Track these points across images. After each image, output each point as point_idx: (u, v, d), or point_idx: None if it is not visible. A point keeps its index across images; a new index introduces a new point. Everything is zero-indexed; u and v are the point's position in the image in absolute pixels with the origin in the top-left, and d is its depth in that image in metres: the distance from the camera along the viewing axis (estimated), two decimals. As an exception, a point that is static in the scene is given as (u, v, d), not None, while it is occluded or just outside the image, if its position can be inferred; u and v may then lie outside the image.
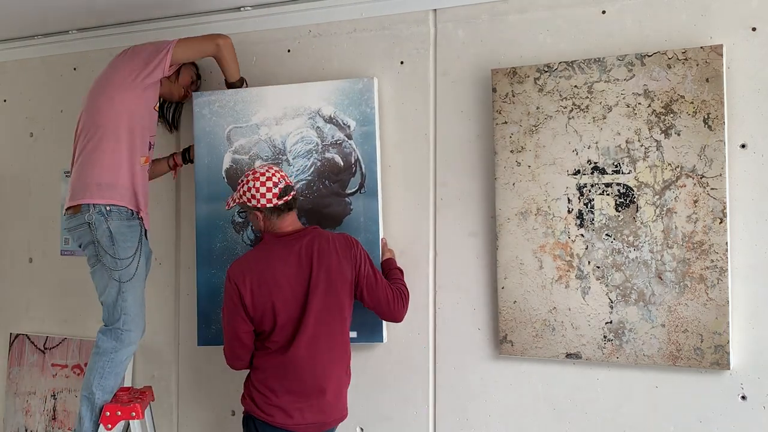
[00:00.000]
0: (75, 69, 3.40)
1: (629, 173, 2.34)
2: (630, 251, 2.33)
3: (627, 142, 2.34)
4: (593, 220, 2.39)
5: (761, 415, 2.23)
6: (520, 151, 2.49)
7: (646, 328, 2.31)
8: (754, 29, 2.24)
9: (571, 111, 2.41)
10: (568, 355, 2.42)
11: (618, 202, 2.36)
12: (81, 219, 2.56)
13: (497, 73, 2.52)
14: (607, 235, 2.37)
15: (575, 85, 2.40)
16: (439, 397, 2.68)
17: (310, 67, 2.90)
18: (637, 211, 2.33)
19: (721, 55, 2.21)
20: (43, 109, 3.50)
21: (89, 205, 2.54)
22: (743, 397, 2.25)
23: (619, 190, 2.35)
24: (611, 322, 2.36)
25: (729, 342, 2.21)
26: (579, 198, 2.41)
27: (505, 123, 2.51)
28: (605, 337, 2.37)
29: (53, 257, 3.48)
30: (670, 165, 2.28)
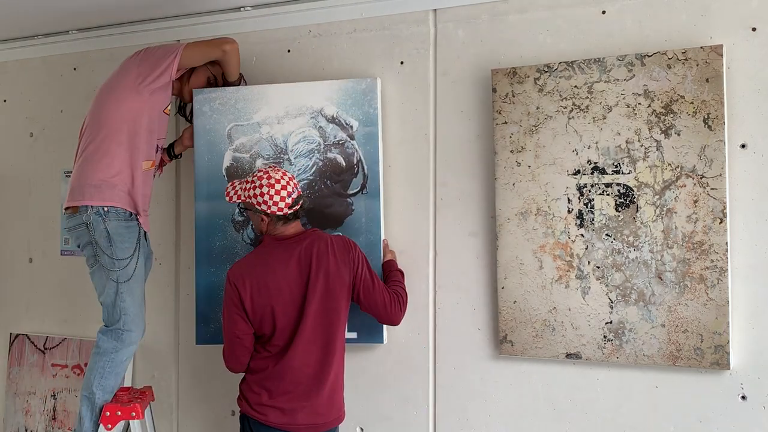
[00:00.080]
0: (75, 69, 3.40)
1: (629, 173, 2.34)
2: (630, 251, 2.33)
3: (627, 142, 2.34)
4: (593, 220, 2.39)
5: (761, 415, 2.23)
6: (520, 151, 2.49)
7: (646, 328, 2.31)
8: (754, 29, 2.24)
9: (571, 111, 2.41)
10: (568, 355, 2.42)
11: (618, 202, 2.36)
12: (79, 219, 2.56)
13: (497, 73, 2.52)
14: (607, 235, 2.37)
15: (575, 85, 2.40)
16: (439, 397, 2.68)
17: (310, 67, 2.90)
18: (637, 211, 2.33)
19: (721, 55, 2.21)
20: (43, 109, 3.50)
21: (87, 206, 2.55)
22: (743, 397, 2.25)
23: (619, 190, 2.35)
24: (611, 322, 2.36)
25: (729, 342, 2.21)
26: (579, 198, 2.41)
27: (505, 123, 2.51)
28: (605, 337, 2.37)
29: (53, 257, 3.48)
30: (670, 165, 2.28)
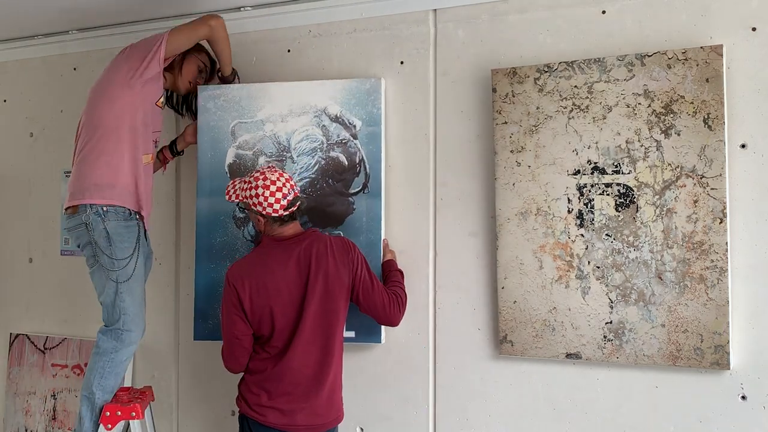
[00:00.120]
0: (75, 69, 3.40)
1: (629, 173, 2.34)
2: (630, 251, 2.33)
3: (627, 142, 2.34)
4: (593, 220, 2.39)
5: (761, 415, 2.23)
6: (520, 151, 2.49)
7: (646, 328, 2.31)
8: (754, 29, 2.24)
9: (571, 111, 2.41)
10: (568, 355, 2.42)
11: (618, 202, 2.36)
12: (78, 219, 2.56)
13: (497, 73, 2.52)
14: (607, 235, 2.37)
15: (575, 85, 2.40)
16: (439, 397, 2.68)
17: (310, 67, 2.90)
18: (637, 211, 2.33)
19: (721, 55, 2.21)
20: (43, 109, 3.50)
21: (86, 206, 2.54)
22: (743, 397, 2.25)
23: (619, 190, 2.35)
24: (611, 322, 2.36)
25: (729, 342, 2.21)
26: (579, 198, 2.41)
27: (505, 123, 2.51)
28: (605, 337, 2.37)
29: (53, 257, 3.48)
30: (670, 165, 2.28)
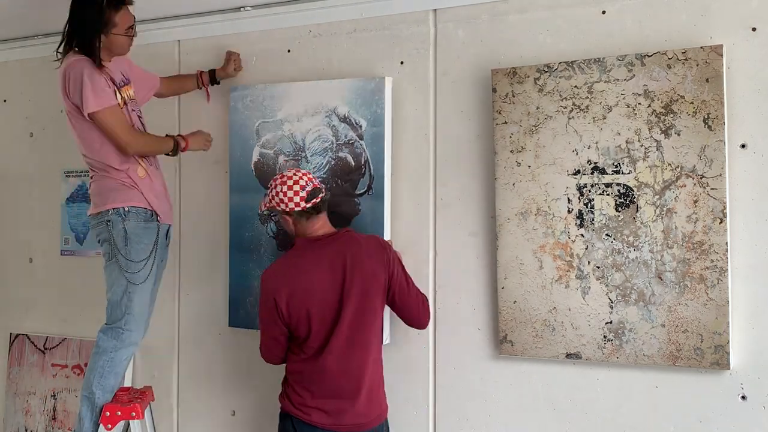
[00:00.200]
0: (75, 69, 3.40)
1: (629, 173, 2.34)
2: (630, 251, 2.33)
3: (627, 142, 2.34)
4: (593, 220, 2.39)
5: (761, 415, 2.23)
6: (520, 151, 2.49)
7: (646, 328, 2.31)
8: (754, 29, 2.24)
9: (571, 111, 2.41)
10: (568, 355, 2.42)
11: (618, 202, 2.35)
12: (101, 218, 2.61)
13: (497, 73, 2.52)
14: (607, 235, 2.37)
15: (575, 85, 2.40)
16: (439, 397, 2.68)
17: (310, 67, 2.90)
18: (637, 211, 2.33)
19: (721, 55, 2.21)
20: (43, 109, 3.50)
21: (109, 209, 2.60)
22: (743, 397, 2.25)
23: (619, 190, 2.35)
24: (611, 322, 2.36)
25: (729, 342, 2.21)
26: (579, 198, 2.41)
27: (505, 123, 2.51)
28: (605, 337, 2.37)
29: (53, 257, 3.48)
30: (670, 165, 2.28)
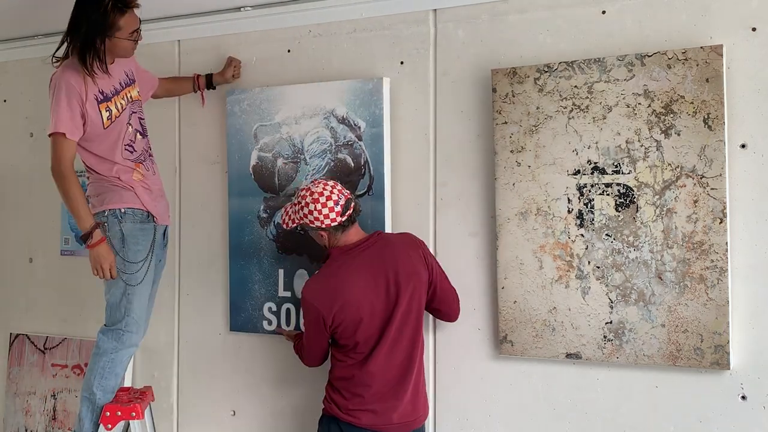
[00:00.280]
0: (75, 69, 3.40)
1: (629, 173, 2.34)
2: (630, 251, 2.33)
3: (627, 142, 2.34)
4: (593, 220, 2.39)
5: (761, 415, 2.23)
6: (520, 151, 2.48)
7: (646, 328, 2.31)
8: (754, 29, 2.24)
9: (571, 111, 2.41)
10: (568, 355, 2.42)
11: (618, 202, 2.35)
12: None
13: (497, 73, 2.52)
14: (607, 235, 2.37)
15: (575, 85, 2.40)
16: (439, 397, 2.68)
17: (310, 67, 2.90)
18: (637, 211, 2.33)
19: (721, 55, 2.21)
20: (43, 109, 3.47)
21: (106, 209, 2.59)
22: (743, 397, 2.25)
23: (619, 190, 2.35)
24: (611, 322, 2.36)
25: (729, 342, 2.21)
26: (579, 198, 2.41)
27: (505, 123, 2.51)
28: (605, 337, 2.37)
29: (53, 257, 3.47)
30: (670, 165, 2.28)
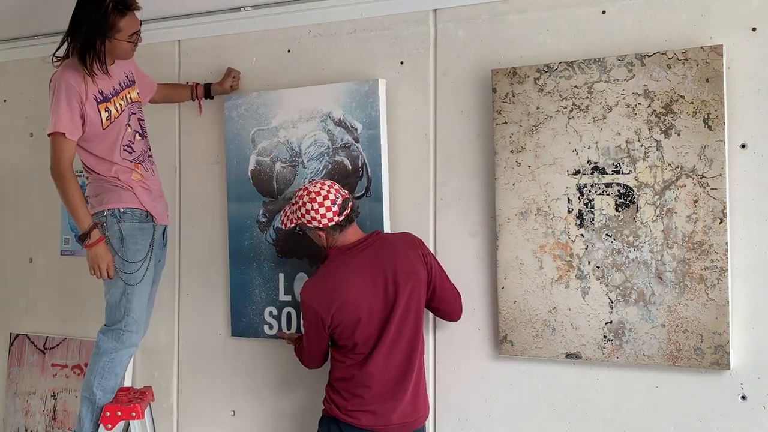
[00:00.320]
0: (75, 69, 3.40)
1: (629, 173, 2.34)
2: (630, 251, 2.33)
3: (627, 142, 2.34)
4: (593, 220, 2.39)
5: (761, 415, 2.23)
6: (520, 151, 2.48)
7: (646, 328, 2.31)
8: (754, 29, 2.24)
9: (571, 111, 2.41)
10: (568, 355, 2.42)
11: (618, 202, 2.36)
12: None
13: (497, 73, 2.52)
14: (607, 235, 2.37)
15: (575, 86, 2.40)
16: (439, 397, 2.68)
17: (310, 68, 2.90)
18: (637, 211, 2.33)
19: (721, 55, 2.21)
20: (43, 109, 3.47)
21: (105, 209, 2.59)
22: (743, 397, 2.25)
23: (619, 190, 2.35)
24: (611, 322, 2.36)
25: (729, 342, 2.21)
26: (579, 198, 2.41)
27: (505, 123, 2.51)
28: (605, 337, 2.37)
29: (53, 257, 3.47)
30: (670, 165, 2.28)
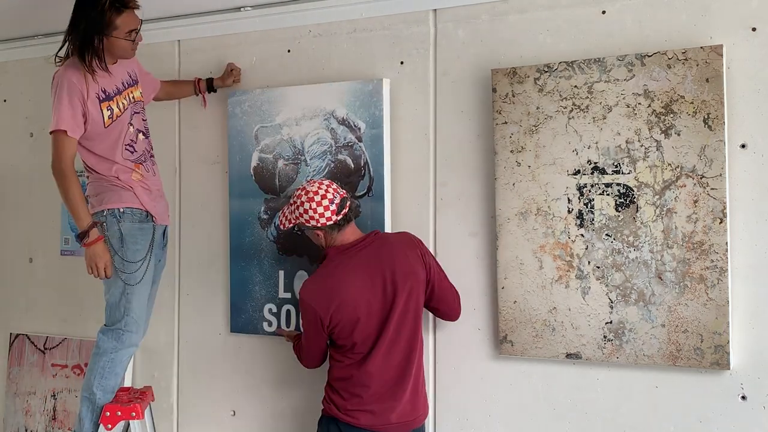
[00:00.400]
0: (75, 69, 3.40)
1: (629, 173, 2.34)
2: (630, 251, 2.33)
3: (627, 142, 2.34)
4: (593, 220, 2.39)
5: (761, 415, 2.23)
6: (520, 151, 2.48)
7: (646, 328, 2.31)
8: (754, 29, 2.24)
9: (571, 111, 2.41)
10: (568, 355, 2.42)
11: (618, 202, 2.35)
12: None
13: (497, 73, 2.52)
14: (607, 235, 2.37)
15: (575, 85, 2.40)
16: (439, 397, 2.68)
17: (310, 68, 2.90)
18: (637, 211, 2.33)
19: (721, 55, 2.21)
20: (43, 109, 3.48)
21: (104, 209, 2.58)
22: (743, 397, 2.25)
23: (619, 190, 2.35)
24: (611, 322, 2.36)
25: (729, 342, 2.21)
26: (579, 198, 2.41)
27: (505, 123, 2.51)
28: (605, 337, 2.37)
29: (53, 257, 3.48)
30: (670, 165, 2.28)
